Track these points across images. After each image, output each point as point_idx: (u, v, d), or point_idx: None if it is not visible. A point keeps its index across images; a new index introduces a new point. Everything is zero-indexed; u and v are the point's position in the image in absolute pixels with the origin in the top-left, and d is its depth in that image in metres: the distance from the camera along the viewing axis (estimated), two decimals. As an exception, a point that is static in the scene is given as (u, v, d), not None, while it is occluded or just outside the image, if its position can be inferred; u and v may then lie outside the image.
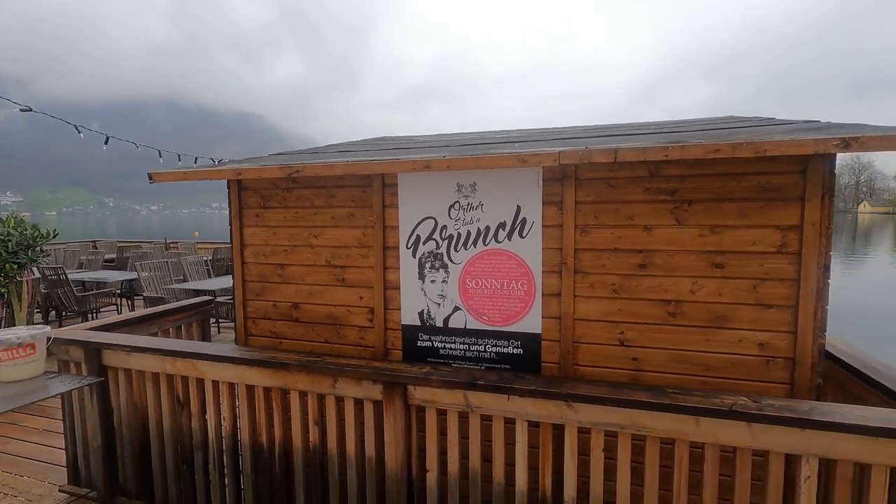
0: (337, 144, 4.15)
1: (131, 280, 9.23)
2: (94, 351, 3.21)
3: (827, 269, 2.21)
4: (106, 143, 10.10)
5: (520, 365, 2.68)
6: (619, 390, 2.18)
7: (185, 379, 3.04)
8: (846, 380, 2.63)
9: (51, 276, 7.87)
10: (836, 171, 2.21)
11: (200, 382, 3.00)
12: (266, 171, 2.72)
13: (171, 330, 4.31)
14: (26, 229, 5.91)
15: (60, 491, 3.46)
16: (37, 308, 8.01)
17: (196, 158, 12.32)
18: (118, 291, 9.49)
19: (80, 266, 11.24)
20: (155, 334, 4.10)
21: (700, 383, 2.41)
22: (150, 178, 3.00)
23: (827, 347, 2.71)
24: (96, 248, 13.42)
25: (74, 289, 8.27)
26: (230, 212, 3.25)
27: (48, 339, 3.08)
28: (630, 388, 2.19)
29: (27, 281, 5.97)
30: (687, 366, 2.42)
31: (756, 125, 2.76)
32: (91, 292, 8.54)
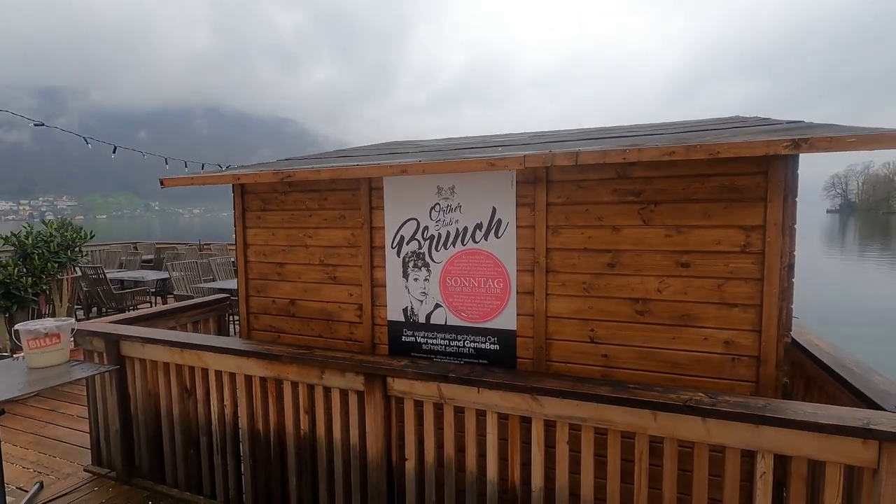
0: (340, 150, 4.35)
1: (164, 279, 9.76)
2: (113, 342, 3.51)
3: (791, 268, 2.23)
4: (114, 152, 10.78)
5: (496, 360, 2.79)
6: (581, 385, 2.26)
7: (191, 369, 3.29)
8: (825, 381, 2.61)
9: (91, 275, 8.44)
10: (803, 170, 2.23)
11: (205, 372, 3.24)
12: (261, 175, 2.93)
13: (189, 325, 4.61)
14: (67, 231, 6.40)
15: (85, 471, 3.78)
16: (78, 304, 8.60)
17: (203, 165, 12.94)
18: (153, 290, 10.05)
19: (120, 266, 11.94)
20: (173, 328, 4.40)
21: (668, 380, 2.46)
22: (162, 183, 3.27)
23: (809, 348, 2.71)
24: (136, 250, 14.20)
25: (112, 287, 8.84)
26: (234, 214, 3.50)
27: (72, 330, 3.38)
28: (593, 383, 2.27)
29: (67, 279, 6.45)
30: (655, 363, 2.48)
31: (734, 126, 2.78)
32: (128, 290, 9.10)
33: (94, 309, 9.12)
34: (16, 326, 3.08)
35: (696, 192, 2.34)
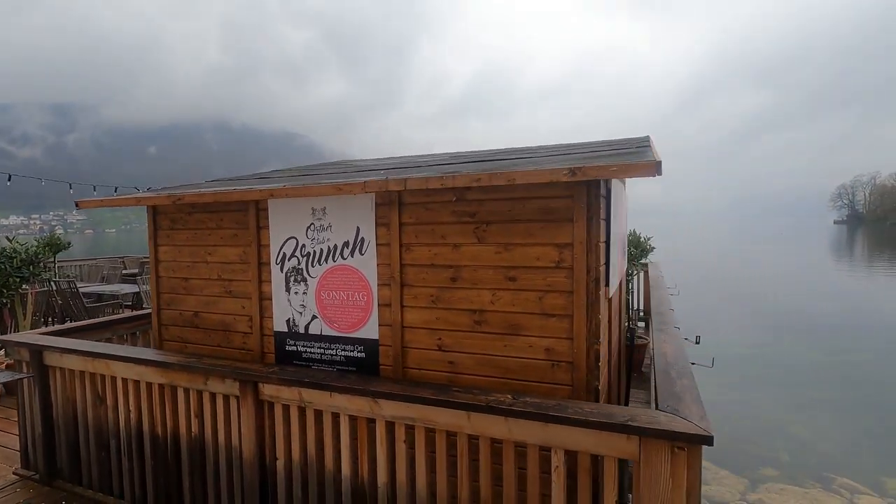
0: (265, 172, 4.65)
1: (138, 292, 10.09)
2: (36, 352, 3.78)
3: (597, 282, 2.46)
4: (9, 180, 11.40)
5: (363, 368, 3.03)
6: (410, 388, 2.50)
7: (102, 377, 3.55)
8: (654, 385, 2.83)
9: (65, 288, 8.78)
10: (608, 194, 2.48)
11: (114, 380, 3.50)
12: (158, 198, 3.22)
13: (127, 336, 4.88)
14: (31, 248, 6.73)
15: (13, 473, 4.03)
16: (53, 316, 8.93)
17: (116, 188, 13.55)
18: (129, 303, 10.38)
19: (102, 279, 12.30)
20: (109, 339, 4.68)
21: (502, 384, 2.69)
22: (77, 205, 3.57)
23: (656, 356, 2.94)
24: (123, 264, 14.59)
25: (89, 300, 9.18)
26: (148, 233, 3.78)
27: (-4, 340, 3.67)
28: (422, 387, 2.51)
29: (32, 293, 6.77)
30: (490, 369, 2.71)
31: (556, 154, 3.04)
32: (105, 303, 9.43)
33: (69, 320, 9.44)
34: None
35: (520, 214, 2.59)
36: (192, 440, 3.23)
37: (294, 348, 3.24)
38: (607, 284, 2.71)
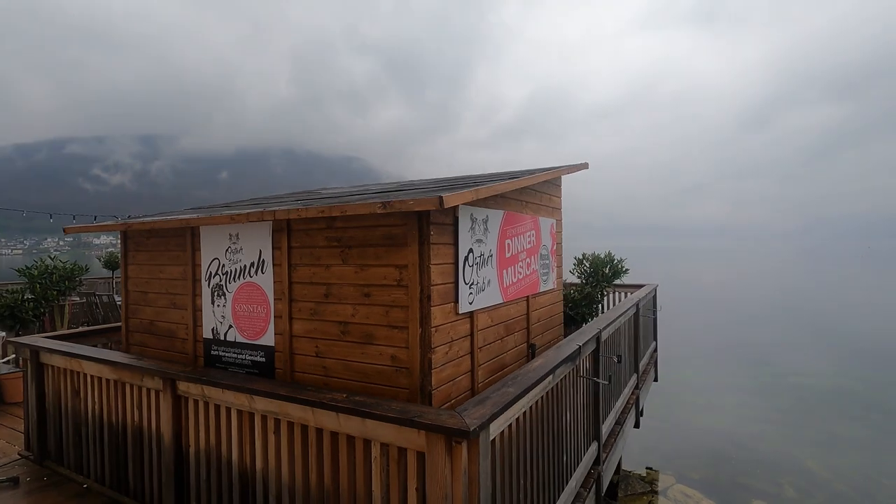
0: (228, 203, 5.33)
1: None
2: (34, 352, 4.58)
3: (429, 298, 2.83)
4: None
5: (263, 371, 3.53)
6: (273, 386, 2.95)
7: (77, 374, 4.26)
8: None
9: (102, 296, 10.01)
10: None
11: (85, 376, 4.20)
12: (110, 226, 3.92)
13: (114, 343, 5.66)
14: (67, 266, 7.85)
15: (18, 453, 4.84)
16: (95, 322, 10.15)
17: (95, 217, 14.84)
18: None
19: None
20: (106, 345, 5.47)
21: (361, 388, 3.09)
22: (64, 231, 4.35)
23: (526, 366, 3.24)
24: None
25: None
26: (121, 253, 4.52)
27: (2, 341, 4.50)
28: (283, 386, 2.95)
29: (68, 303, 7.86)
30: (352, 373, 3.12)
31: (403, 189, 3.42)
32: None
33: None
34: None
35: (371, 239, 3.02)
36: (134, 428, 3.83)
37: (217, 353, 3.80)
38: (456, 301, 3.05)
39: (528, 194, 4.31)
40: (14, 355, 6.52)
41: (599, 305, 7.26)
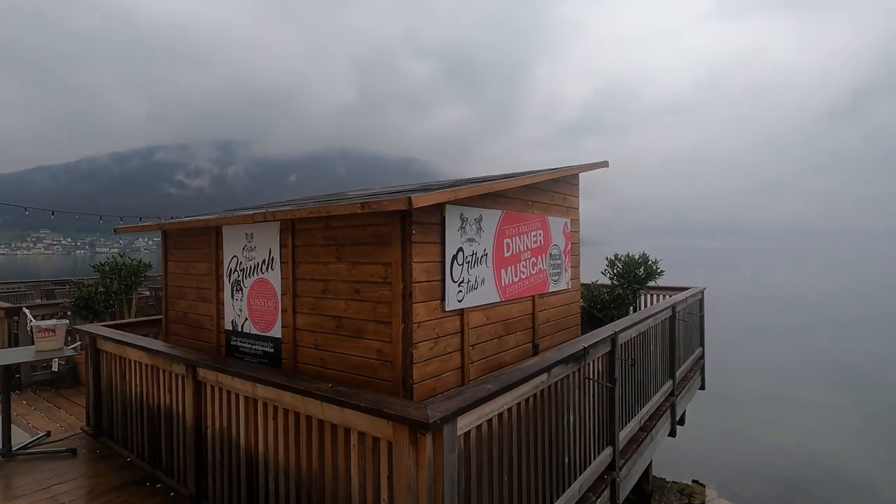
0: (256, 205, 5.70)
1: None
2: (92, 339, 5.15)
3: (410, 295, 2.93)
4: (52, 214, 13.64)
5: (272, 361, 3.78)
6: (270, 374, 3.17)
7: (124, 359, 4.75)
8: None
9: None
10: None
11: (130, 362, 4.68)
12: (151, 226, 4.35)
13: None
14: (134, 263, 8.67)
15: (81, 429, 5.46)
16: (150, 314, 11.11)
17: (140, 218, 15.58)
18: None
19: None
20: (157, 336, 6.03)
21: (351, 379, 3.24)
22: (115, 231, 4.87)
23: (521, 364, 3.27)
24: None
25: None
26: (161, 251, 4.98)
27: (67, 329, 5.09)
28: (280, 375, 3.16)
29: (135, 297, 8.69)
30: (344, 365, 3.28)
31: (395, 191, 3.50)
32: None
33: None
34: (30, 324, 4.83)
35: (361, 238, 3.17)
36: (166, 410, 4.23)
37: (236, 343, 4.11)
38: (443, 298, 3.14)
39: (535, 193, 4.29)
40: (80, 342, 7.32)
41: (632, 308, 7.01)
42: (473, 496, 2.63)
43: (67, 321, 5.21)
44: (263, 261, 3.82)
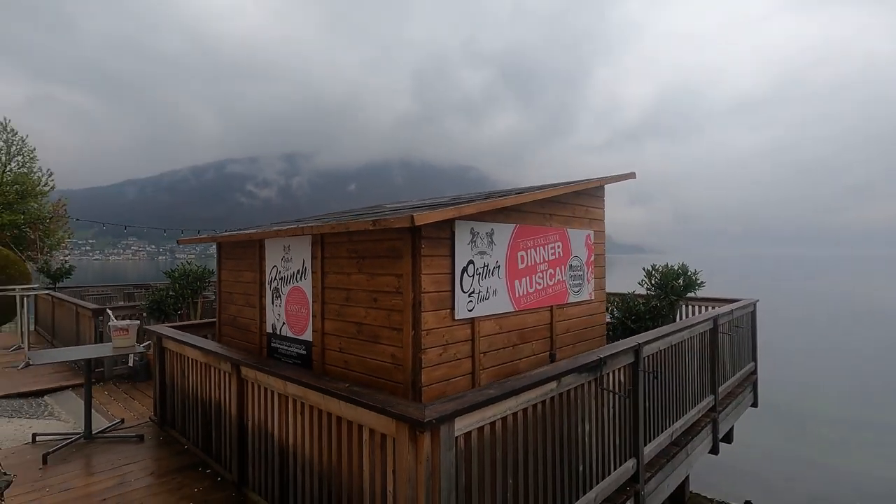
0: (299, 218, 6.17)
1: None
2: (159, 338, 5.81)
3: (420, 304, 3.18)
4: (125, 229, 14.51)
5: (304, 362, 4.15)
6: (298, 373, 3.52)
7: (183, 356, 5.34)
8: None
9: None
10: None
11: (187, 359, 5.25)
12: (207, 238, 4.88)
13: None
14: (199, 269, 9.53)
15: (150, 418, 6.14)
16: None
17: (198, 231, 16.35)
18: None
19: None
20: (212, 336, 6.65)
21: (370, 381, 3.53)
22: (178, 242, 5.49)
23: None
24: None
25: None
26: (216, 260, 5.54)
27: (138, 328, 5.77)
28: (307, 374, 3.50)
29: (200, 300, 9.55)
30: (365, 367, 3.57)
31: (413, 207, 3.72)
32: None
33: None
34: (109, 323, 5.53)
35: (379, 251, 3.45)
36: (216, 403, 4.72)
37: (275, 345, 4.53)
38: (452, 308, 3.36)
39: (554, 206, 4.42)
40: (149, 340, 8.17)
41: (672, 318, 6.86)
42: (475, 494, 2.81)
43: (139, 321, 5.89)
44: (298, 270, 4.21)
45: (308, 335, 4.11)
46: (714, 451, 6.28)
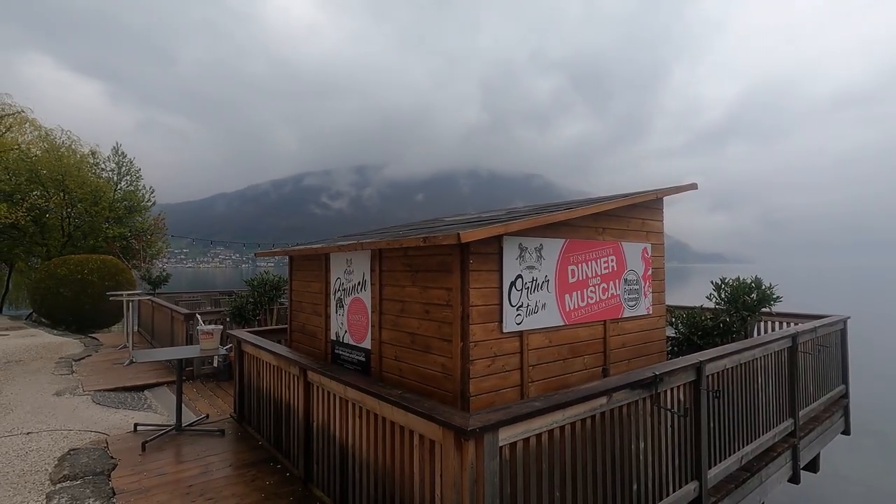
0: (364, 232, 6.54)
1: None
2: (238, 341, 6.38)
3: (468, 316, 3.32)
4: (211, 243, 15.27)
5: (363, 369, 4.42)
6: (357, 378, 3.77)
7: (259, 359, 5.84)
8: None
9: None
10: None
11: (262, 361, 5.74)
12: (281, 252, 5.34)
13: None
14: (275, 279, 10.29)
15: (230, 415, 6.73)
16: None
17: (273, 244, 16.76)
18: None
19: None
20: (284, 342, 7.18)
21: (421, 388, 3.71)
22: (255, 255, 6.03)
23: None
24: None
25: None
26: (288, 272, 6.01)
27: (221, 332, 6.38)
28: (364, 380, 3.75)
29: (276, 307, 10.30)
30: (417, 376, 3.76)
31: (465, 222, 3.83)
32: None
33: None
34: (197, 326, 6.18)
35: (430, 265, 3.64)
36: (286, 404, 5.12)
37: (338, 352, 4.86)
38: (500, 321, 3.47)
39: (607, 220, 4.39)
40: (230, 344, 8.92)
41: (744, 335, 6.47)
42: (520, 502, 2.88)
43: (222, 326, 6.50)
44: (359, 282, 4.51)
45: (367, 343, 4.38)
46: (795, 479, 5.85)
